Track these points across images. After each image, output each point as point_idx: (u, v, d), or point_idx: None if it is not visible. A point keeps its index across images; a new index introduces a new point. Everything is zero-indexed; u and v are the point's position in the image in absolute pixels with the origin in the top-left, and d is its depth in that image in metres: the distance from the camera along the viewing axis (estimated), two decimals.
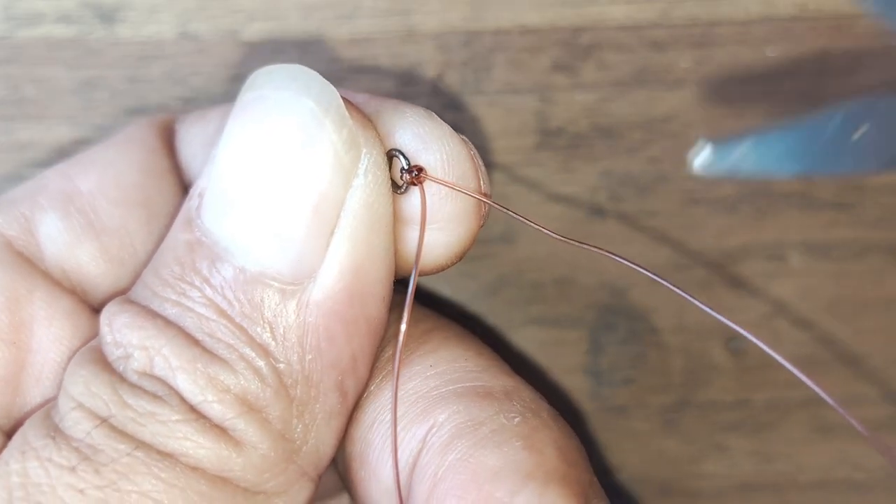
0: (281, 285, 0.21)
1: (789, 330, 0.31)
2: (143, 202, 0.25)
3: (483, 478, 0.21)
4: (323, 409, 0.22)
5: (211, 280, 0.21)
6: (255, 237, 0.21)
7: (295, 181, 0.21)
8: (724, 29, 0.28)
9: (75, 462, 0.20)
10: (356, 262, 0.22)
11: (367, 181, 0.22)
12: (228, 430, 0.21)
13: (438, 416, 0.23)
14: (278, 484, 0.22)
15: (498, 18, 0.28)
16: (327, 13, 0.28)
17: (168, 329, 0.21)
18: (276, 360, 0.21)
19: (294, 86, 0.21)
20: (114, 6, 0.27)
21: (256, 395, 0.21)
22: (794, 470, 0.31)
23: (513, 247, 0.30)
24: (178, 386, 0.21)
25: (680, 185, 0.29)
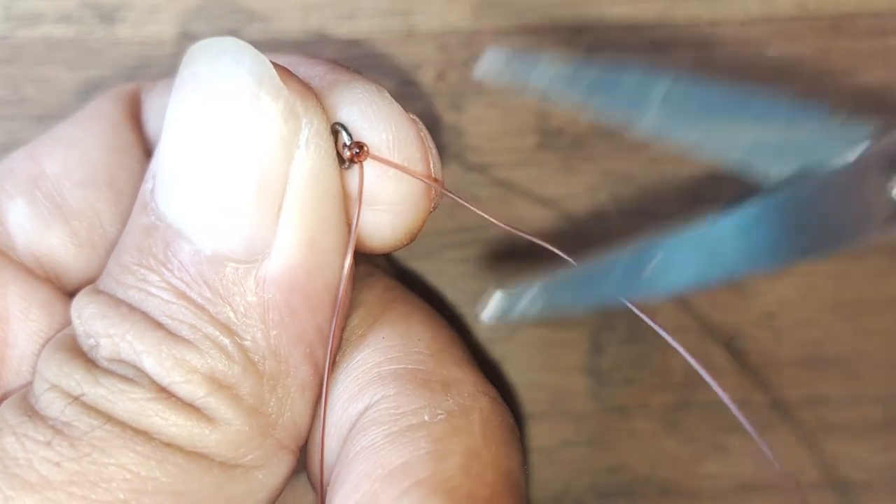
0: (236, 263, 0.21)
1: (789, 330, 0.31)
2: (110, 181, 0.24)
3: (378, 474, 0.21)
4: (295, 382, 0.22)
5: (168, 264, 0.21)
6: (204, 217, 0.21)
7: (234, 157, 0.21)
8: (724, 29, 0.28)
9: (50, 437, 0.20)
10: (308, 234, 0.22)
11: (308, 152, 0.21)
12: (200, 409, 0.21)
13: (373, 397, 0.22)
14: (256, 458, 0.22)
15: (498, 18, 0.28)
16: (327, 13, 0.28)
17: (131, 315, 0.21)
18: (241, 337, 0.21)
19: (225, 59, 0.21)
20: (114, 6, 0.27)
21: (224, 372, 0.21)
22: (794, 470, 0.31)
23: (513, 247, 0.30)
24: (146, 369, 0.21)
25: (680, 185, 0.29)
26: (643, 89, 0.22)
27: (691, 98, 0.22)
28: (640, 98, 0.22)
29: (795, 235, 0.22)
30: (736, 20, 0.28)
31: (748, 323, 0.31)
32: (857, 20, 0.28)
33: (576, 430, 0.31)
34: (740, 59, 0.28)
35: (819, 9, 0.28)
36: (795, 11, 0.28)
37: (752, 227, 0.22)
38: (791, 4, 0.28)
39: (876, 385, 0.31)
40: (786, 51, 0.28)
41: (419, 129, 0.23)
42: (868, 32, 0.28)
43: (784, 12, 0.28)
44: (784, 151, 0.22)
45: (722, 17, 0.28)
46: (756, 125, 0.22)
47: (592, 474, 0.31)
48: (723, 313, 0.30)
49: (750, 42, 0.28)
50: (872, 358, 0.31)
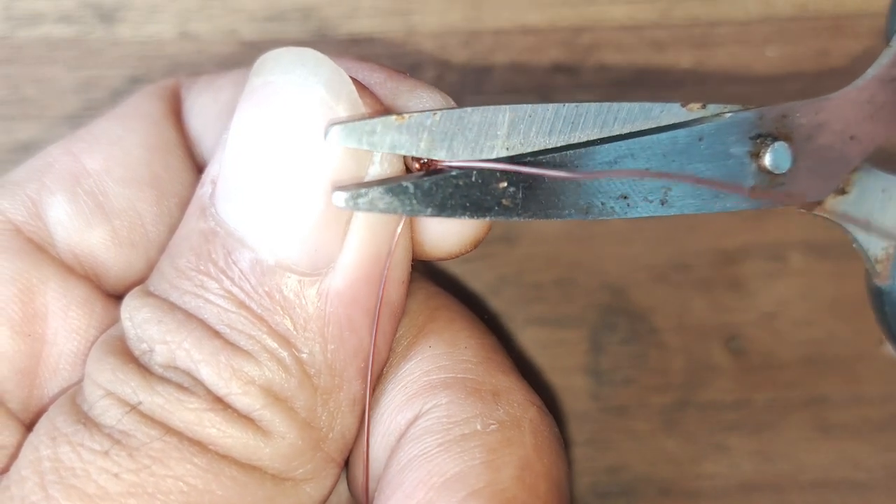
0: (299, 275, 0.21)
1: (789, 330, 0.31)
2: (152, 181, 0.24)
3: (433, 483, 0.21)
4: (347, 397, 0.22)
5: (228, 271, 0.21)
6: (269, 227, 0.21)
7: (308, 170, 0.21)
8: (724, 29, 0.28)
9: (108, 446, 0.20)
10: (374, 250, 0.21)
11: (383, 167, 0.21)
12: (256, 421, 0.21)
13: (424, 405, 0.22)
14: (307, 471, 0.22)
15: (498, 18, 0.28)
16: (327, 13, 0.28)
17: (188, 322, 0.21)
18: (299, 350, 0.21)
19: (303, 71, 0.21)
20: (114, 6, 0.27)
21: (281, 385, 0.21)
22: (794, 470, 0.31)
23: (513, 247, 0.30)
24: (203, 378, 0.21)
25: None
26: (489, 121, 0.22)
27: (538, 121, 0.22)
28: (489, 130, 0.22)
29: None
30: (736, 20, 0.28)
31: (748, 323, 0.31)
32: (857, 20, 0.28)
33: (576, 430, 0.31)
34: (740, 59, 0.28)
35: (819, 9, 0.28)
36: (795, 11, 0.28)
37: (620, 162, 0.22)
38: (791, 4, 0.28)
39: (876, 385, 0.31)
40: (786, 51, 0.28)
41: None
42: (868, 32, 0.28)
43: (784, 12, 0.28)
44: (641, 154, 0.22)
45: (722, 17, 0.28)
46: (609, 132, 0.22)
47: (592, 474, 0.31)
48: (723, 313, 0.30)
49: (750, 42, 0.28)
50: (872, 358, 0.31)
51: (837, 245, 0.30)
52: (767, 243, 0.30)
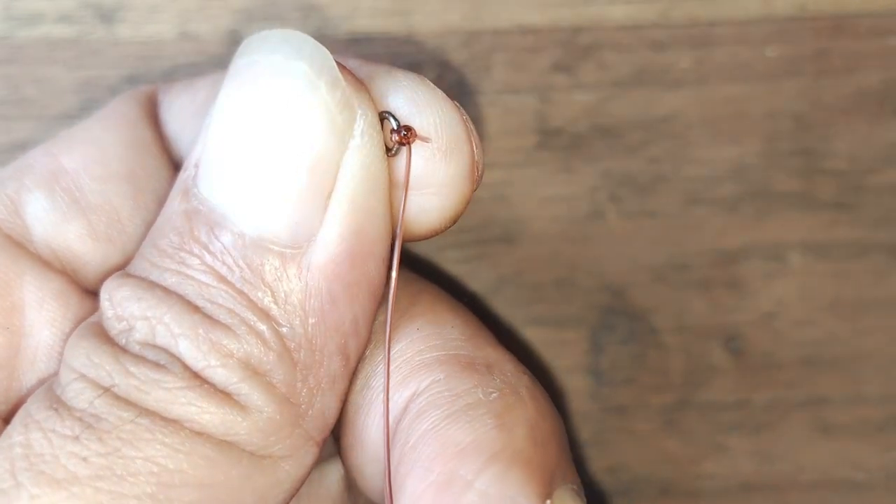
0: (280, 248, 0.21)
1: (789, 330, 0.31)
2: (128, 177, 0.25)
3: (450, 453, 0.21)
4: (327, 373, 0.22)
5: (210, 247, 0.21)
6: (252, 201, 0.21)
7: (290, 143, 0.21)
8: (724, 29, 0.28)
9: (78, 431, 0.20)
10: (356, 224, 0.22)
11: (363, 142, 0.22)
12: (233, 395, 0.21)
13: (420, 383, 0.23)
14: (285, 448, 0.22)
15: (498, 18, 0.28)
16: (327, 13, 0.28)
17: (168, 298, 0.21)
18: (279, 323, 0.21)
19: (286, 49, 0.21)
20: (114, 6, 0.27)
21: (260, 358, 0.21)
22: (794, 470, 0.31)
23: (513, 247, 0.30)
24: (181, 353, 0.21)
25: (680, 185, 0.29)
26: None
27: None
28: None
29: None
30: (736, 20, 0.28)
31: (748, 323, 0.31)
32: (857, 20, 0.28)
33: (575, 430, 0.31)
34: (740, 59, 0.28)
35: (819, 9, 0.28)
36: (795, 11, 0.28)
37: None
38: (791, 4, 0.28)
39: (876, 385, 0.31)
40: (786, 51, 0.28)
41: (462, 113, 0.23)
42: (868, 32, 0.28)
43: (784, 12, 0.28)
44: None
45: (722, 17, 0.28)
46: None
47: (592, 474, 0.31)
48: (723, 313, 0.30)
49: (749, 42, 0.28)
50: (872, 358, 0.31)
51: (837, 245, 0.30)
52: (767, 243, 0.30)
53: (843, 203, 0.30)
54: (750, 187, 0.29)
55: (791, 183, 0.29)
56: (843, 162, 0.29)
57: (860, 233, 0.30)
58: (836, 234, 0.30)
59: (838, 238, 0.30)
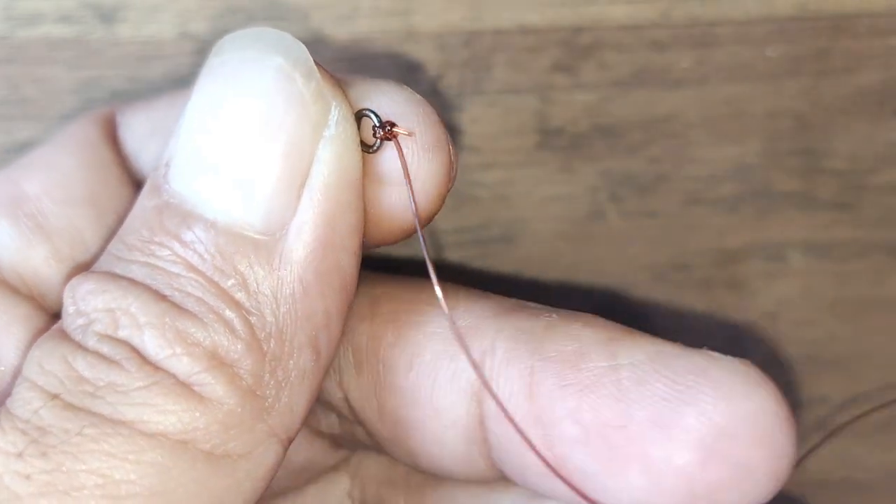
0: (253, 236, 0.21)
1: (790, 330, 0.31)
2: (90, 198, 0.25)
3: (571, 358, 0.23)
4: (297, 366, 0.22)
5: (181, 237, 0.21)
6: (225, 189, 0.21)
7: (264, 131, 0.21)
8: (724, 29, 0.28)
9: (22, 447, 0.20)
10: (329, 214, 0.22)
11: (337, 132, 0.22)
12: (193, 386, 0.21)
13: (491, 332, 0.24)
14: (244, 443, 0.21)
15: (498, 18, 0.28)
16: (327, 13, 0.28)
17: (135, 288, 0.21)
18: (249, 312, 0.21)
19: (259, 44, 0.22)
20: (114, 6, 0.27)
21: (227, 348, 0.21)
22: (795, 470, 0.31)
23: (513, 247, 0.30)
24: (145, 343, 0.21)
25: (680, 185, 0.29)
26: None
27: None
28: None
29: None
30: (736, 20, 0.28)
31: (748, 323, 0.31)
32: (857, 20, 0.28)
33: None
34: (740, 59, 0.28)
35: (819, 9, 0.28)
36: (795, 11, 0.28)
37: None
38: (791, 4, 0.28)
39: (876, 385, 0.31)
40: (786, 51, 0.28)
41: (438, 115, 0.24)
42: (868, 32, 0.28)
43: (784, 12, 0.28)
44: None
45: (722, 17, 0.28)
46: None
47: None
48: (723, 313, 0.31)
49: (750, 42, 0.28)
50: (872, 358, 0.31)
51: (837, 245, 0.30)
52: (767, 243, 0.30)
53: (843, 203, 0.30)
54: (750, 187, 0.29)
55: (791, 183, 0.30)
56: (843, 162, 0.29)
57: (860, 233, 0.30)
58: (837, 234, 0.30)
59: (838, 238, 0.30)
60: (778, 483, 0.24)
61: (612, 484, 0.24)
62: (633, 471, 0.23)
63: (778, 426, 0.23)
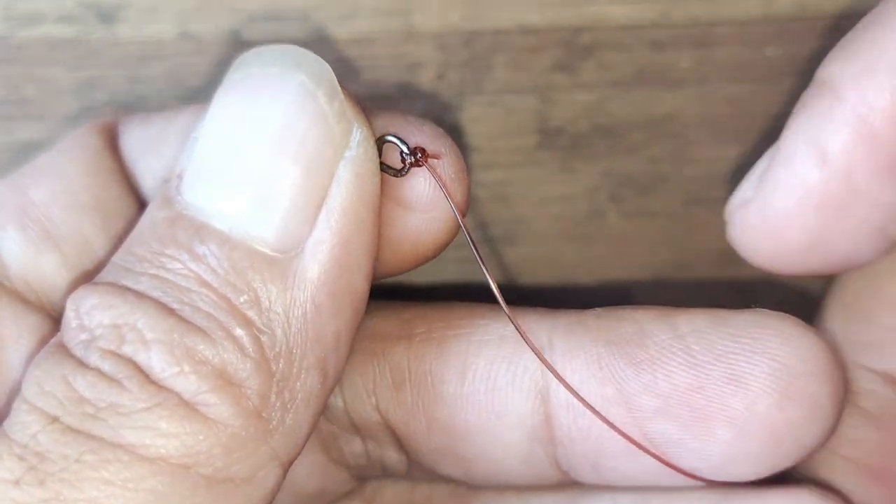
0: (268, 252, 0.21)
1: None
2: (96, 205, 0.24)
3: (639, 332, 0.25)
4: (304, 388, 0.21)
5: (194, 250, 0.21)
6: (242, 203, 0.21)
7: (284, 148, 0.21)
8: (724, 29, 0.28)
9: (20, 474, 0.19)
10: (346, 235, 0.22)
11: (358, 153, 0.22)
12: (198, 406, 0.20)
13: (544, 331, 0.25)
14: (247, 467, 0.21)
15: (498, 18, 0.28)
16: (327, 13, 0.28)
17: (142, 303, 0.21)
18: (260, 330, 0.21)
19: (284, 62, 0.22)
20: (114, 6, 0.27)
21: (236, 367, 0.20)
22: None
23: (513, 247, 0.30)
24: (151, 359, 0.20)
25: (680, 185, 0.29)
26: None
27: None
28: None
29: None
30: (736, 20, 0.28)
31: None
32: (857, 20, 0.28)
33: None
34: (740, 59, 0.28)
35: (819, 9, 0.28)
36: (795, 11, 0.28)
37: None
38: (791, 4, 0.28)
39: None
40: (786, 51, 0.28)
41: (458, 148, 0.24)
42: None
43: (784, 12, 0.28)
44: None
45: (722, 17, 0.28)
46: None
47: None
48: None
49: (750, 42, 0.28)
50: None
51: None
52: None
53: None
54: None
55: None
56: None
57: None
58: None
59: None
60: (840, 415, 0.25)
61: (699, 445, 0.24)
62: (719, 427, 0.24)
63: (834, 362, 0.24)
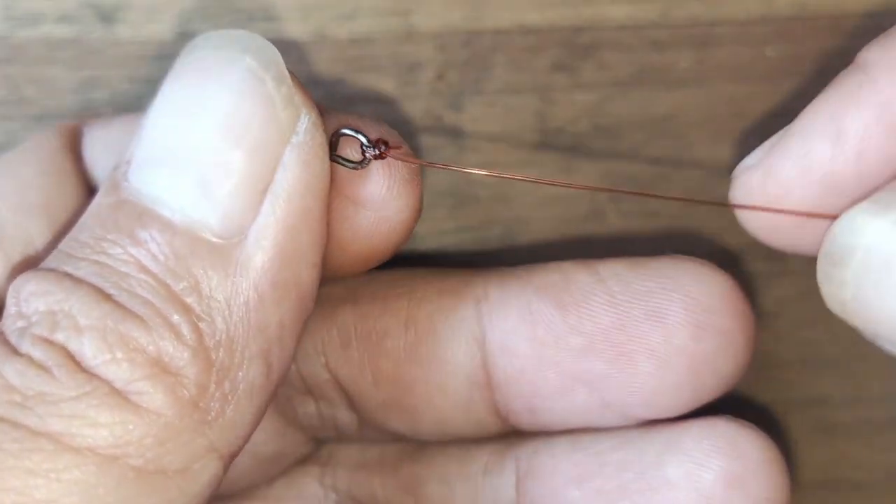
0: (211, 238, 0.21)
1: (790, 330, 0.31)
2: (45, 206, 0.24)
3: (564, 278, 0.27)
4: (246, 379, 0.21)
5: (136, 235, 0.21)
6: (184, 189, 0.21)
7: (228, 131, 0.21)
8: (724, 29, 0.28)
9: None
10: (291, 222, 0.21)
11: (305, 139, 0.21)
12: (130, 395, 0.19)
13: (480, 282, 0.27)
14: (180, 459, 0.20)
15: (498, 18, 0.28)
16: (327, 13, 0.28)
17: (78, 288, 0.20)
18: (199, 317, 0.20)
19: (232, 46, 0.21)
20: (114, 6, 0.27)
21: (172, 355, 0.20)
22: (794, 470, 0.31)
23: (513, 247, 0.30)
24: (83, 346, 0.20)
25: (680, 185, 0.29)
26: None
27: None
28: None
29: None
30: (736, 20, 0.28)
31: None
32: (856, 20, 0.28)
33: None
34: (740, 59, 0.28)
35: (819, 9, 0.28)
36: (795, 11, 0.28)
37: None
38: (791, 4, 0.28)
39: (876, 385, 0.31)
40: (786, 51, 0.28)
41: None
42: (868, 32, 0.28)
43: (784, 12, 0.28)
44: None
45: (722, 17, 0.28)
46: None
47: None
48: None
49: (750, 42, 0.28)
50: (872, 358, 0.31)
51: None
52: None
53: None
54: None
55: None
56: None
57: None
58: None
59: None
60: (751, 351, 0.27)
61: (624, 378, 0.26)
62: (641, 360, 0.26)
63: (743, 299, 0.27)
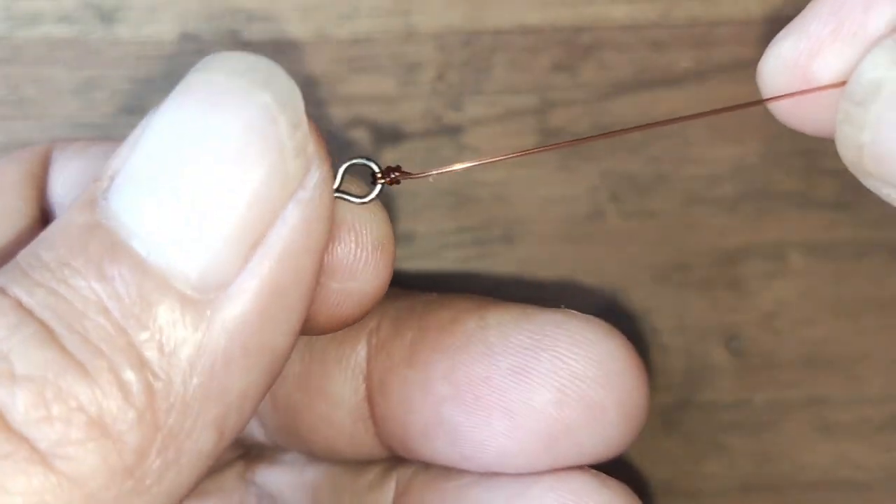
0: (184, 289, 0.18)
1: (789, 330, 0.31)
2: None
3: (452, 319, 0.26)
4: (193, 448, 0.19)
5: (103, 268, 0.18)
6: (168, 226, 0.18)
7: (228, 173, 0.19)
8: (724, 29, 0.28)
9: None
10: (278, 284, 0.19)
11: (312, 196, 0.19)
12: (54, 460, 0.17)
13: (377, 314, 0.26)
14: None
15: (498, 18, 0.28)
16: (327, 13, 0.28)
17: (23, 325, 0.18)
18: (155, 376, 0.18)
19: (251, 75, 0.19)
20: (114, 6, 0.27)
21: (115, 416, 0.18)
22: (794, 470, 0.31)
23: (513, 247, 0.30)
24: (15, 400, 0.17)
25: (680, 185, 0.29)
26: None
27: None
28: None
29: None
30: (736, 20, 0.28)
31: (748, 323, 0.31)
32: None
33: None
34: (740, 59, 0.28)
35: None
36: (795, 12, 0.28)
37: None
38: (791, 4, 0.28)
39: (876, 385, 0.31)
40: None
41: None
42: None
43: (784, 12, 0.28)
44: None
45: (722, 16, 0.28)
46: None
47: None
48: (723, 313, 0.30)
49: (750, 42, 0.28)
50: (872, 358, 0.31)
51: (837, 245, 0.30)
52: (767, 243, 0.30)
53: (843, 203, 0.30)
54: (750, 187, 0.29)
55: (791, 183, 0.29)
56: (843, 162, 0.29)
57: (860, 233, 0.30)
58: (836, 234, 0.30)
59: (838, 238, 0.30)
60: (631, 427, 0.25)
61: (477, 433, 0.25)
62: (496, 416, 0.25)
63: (627, 371, 0.25)
